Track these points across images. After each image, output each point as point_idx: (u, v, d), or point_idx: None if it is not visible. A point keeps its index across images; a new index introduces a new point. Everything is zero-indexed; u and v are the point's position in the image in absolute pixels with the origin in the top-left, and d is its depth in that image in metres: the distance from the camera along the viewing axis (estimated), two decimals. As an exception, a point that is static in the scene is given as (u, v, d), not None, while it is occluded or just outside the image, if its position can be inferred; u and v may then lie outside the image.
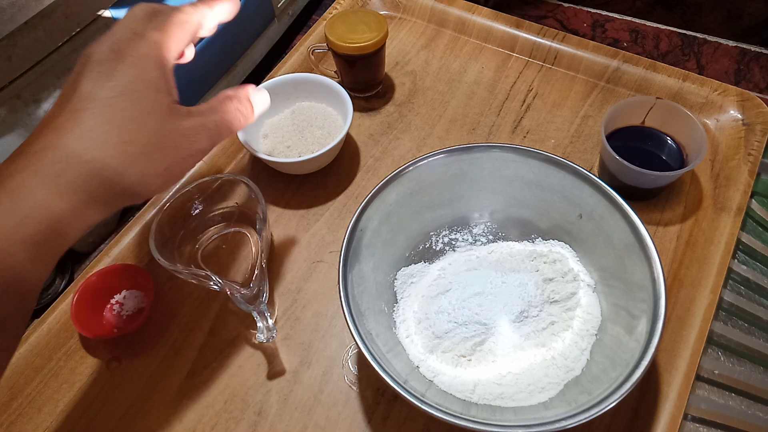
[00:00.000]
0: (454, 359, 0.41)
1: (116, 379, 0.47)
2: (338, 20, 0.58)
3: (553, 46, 0.64)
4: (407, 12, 0.71)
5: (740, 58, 0.66)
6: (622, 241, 0.41)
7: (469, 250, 0.48)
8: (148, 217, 0.55)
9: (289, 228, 0.54)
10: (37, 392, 0.46)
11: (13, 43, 0.42)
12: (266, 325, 0.45)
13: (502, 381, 0.40)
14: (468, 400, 0.39)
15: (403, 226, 0.46)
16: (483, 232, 0.49)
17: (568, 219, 0.45)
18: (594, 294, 0.44)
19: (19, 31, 0.43)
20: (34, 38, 0.44)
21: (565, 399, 0.37)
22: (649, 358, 0.34)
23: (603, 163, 0.52)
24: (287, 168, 0.55)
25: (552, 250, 0.46)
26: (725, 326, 0.47)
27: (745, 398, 0.43)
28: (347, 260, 0.40)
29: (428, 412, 0.33)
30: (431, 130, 0.60)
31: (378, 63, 0.60)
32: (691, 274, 0.48)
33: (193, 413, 0.45)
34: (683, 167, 0.49)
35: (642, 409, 0.42)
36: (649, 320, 0.36)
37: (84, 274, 0.51)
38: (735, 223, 0.50)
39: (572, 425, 0.32)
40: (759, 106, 0.56)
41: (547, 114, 0.60)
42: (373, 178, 0.57)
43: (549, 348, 0.41)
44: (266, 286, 0.47)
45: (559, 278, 0.44)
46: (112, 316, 0.49)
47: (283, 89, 0.59)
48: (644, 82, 0.60)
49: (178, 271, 0.50)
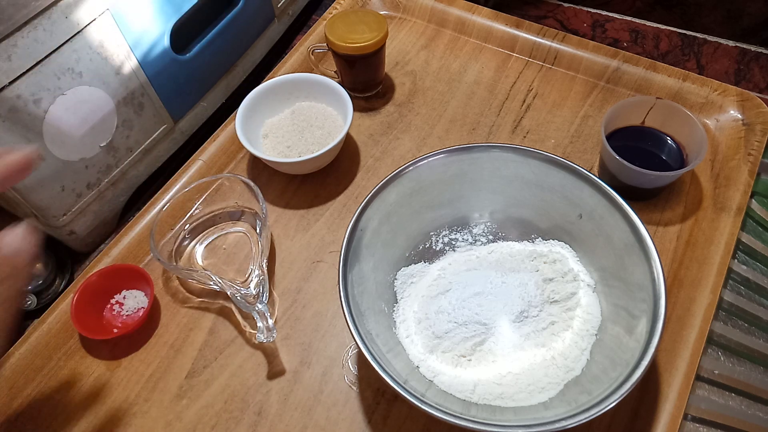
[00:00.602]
0: (454, 359, 0.41)
1: (116, 379, 0.47)
2: (338, 20, 0.58)
3: (553, 46, 0.64)
4: (407, 12, 0.71)
5: (740, 58, 0.66)
6: (622, 241, 0.41)
7: (469, 250, 0.48)
8: (148, 217, 0.55)
9: (289, 228, 0.54)
10: (37, 392, 0.46)
11: (13, 43, 0.42)
12: (266, 325, 0.45)
13: (502, 381, 0.40)
14: (468, 400, 0.39)
15: (403, 226, 0.46)
16: (483, 232, 0.49)
17: (568, 219, 0.45)
18: (594, 294, 0.44)
19: (19, 31, 0.43)
20: (34, 38, 0.44)
21: (565, 399, 0.37)
22: (649, 358, 0.34)
23: (603, 163, 0.52)
24: (287, 168, 0.55)
25: (552, 250, 0.46)
26: (725, 326, 0.47)
27: (745, 398, 0.43)
28: (347, 260, 0.40)
29: (428, 411, 0.33)
30: (431, 130, 0.60)
31: (378, 63, 0.60)
32: (691, 274, 0.48)
33: (193, 413, 0.45)
34: (683, 167, 0.49)
35: (642, 409, 0.42)
36: (649, 320, 0.36)
37: (84, 274, 0.51)
38: (735, 223, 0.50)
39: (572, 425, 0.32)
40: (759, 106, 0.56)
41: (547, 114, 0.60)
42: (373, 178, 0.57)
43: (549, 348, 0.41)
44: (266, 286, 0.47)
45: (559, 278, 0.44)
46: (112, 316, 0.49)
47: (283, 89, 0.59)
48: (644, 82, 0.60)
49: (178, 271, 0.50)
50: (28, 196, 0.49)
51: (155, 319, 0.49)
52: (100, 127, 0.52)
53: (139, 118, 0.56)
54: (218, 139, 0.59)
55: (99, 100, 0.51)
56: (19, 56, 0.43)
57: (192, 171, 0.57)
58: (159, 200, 0.56)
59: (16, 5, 0.42)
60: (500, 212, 0.49)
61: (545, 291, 0.44)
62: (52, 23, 0.45)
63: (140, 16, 0.52)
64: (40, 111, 0.46)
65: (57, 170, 0.50)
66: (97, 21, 0.48)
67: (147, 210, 0.55)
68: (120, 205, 0.60)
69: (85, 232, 0.56)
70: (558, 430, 0.32)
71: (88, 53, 0.48)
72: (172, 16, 0.55)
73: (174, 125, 0.61)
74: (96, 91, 0.50)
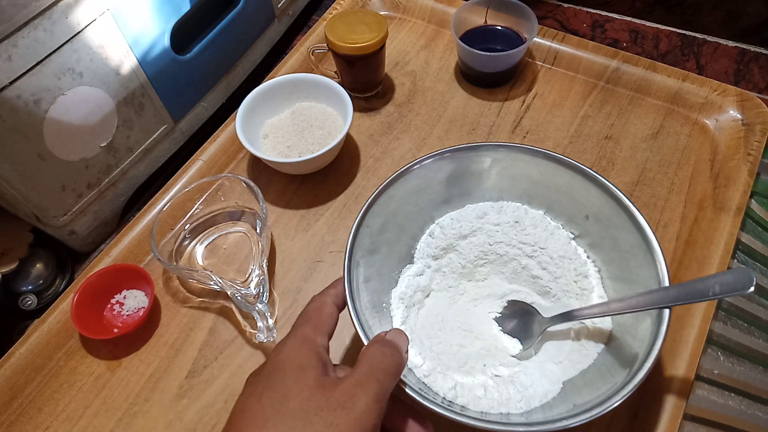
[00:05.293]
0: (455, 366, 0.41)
1: (116, 379, 0.47)
2: (338, 20, 0.58)
3: (553, 47, 0.64)
4: (407, 12, 0.71)
5: (740, 58, 0.66)
6: (628, 243, 0.41)
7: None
8: (148, 217, 0.55)
9: (289, 228, 0.54)
10: (37, 392, 0.46)
11: (14, 43, 0.42)
12: (266, 325, 0.45)
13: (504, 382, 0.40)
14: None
15: (409, 224, 0.46)
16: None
17: (574, 220, 0.45)
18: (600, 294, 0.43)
19: (19, 31, 0.43)
20: (34, 38, 0.44)
21: (566, 399, 0.37)
22: (653, 360, 0.34)
23: (461, 60, 0.63)
24: (287, 168, 0.55)
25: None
26: (725, 326, 0.47)
27: (744, 398, 0.44)
28: (351, 258, 0.40)
29: (429, 408, 0.33)
30: (431, 130, 0.60)
31: (378, 63, 0.60)
32: (691, 274, 0.48)
33: (193, 413, 0.45)
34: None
35: (642, 408, 0.42)
36: (653, 322, 0.36)
37: (84, 274, 0.51)
38: (735, 223, 0.50)
39: (572, 425, 0.32)
40: (758, 106, 0.56)
41: (546, 114, 0.60)
42: (373, 178, 0.57)
43: (552, 348, 0.41)
44: (266, 286, 0.47)
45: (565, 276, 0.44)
46: (112, 316, 0.49)
47: (283, 89, 0.59)
48: (644, 83, 0.60)
49: (179, 270, 0.50)
50: (28, 196, 0.49)
51: (155, 319, 0.50)
52: (100, 127, 0.52)
53: (139, 118, 0.56)
54: (218, 140, 0.60)
55: (99, 100, 0.51)
56: (20, 56, 0.43)
57: (192, 171, 0.58)
58: (159, 200, 0.56)
59: (16, 5, 0.42)
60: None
61: (552, 290, 0.44)
62: (53, 23, 0.45)
63: (140, 16, 0.52)
64: (40, 111, 0.46)
65: (57, 170, 0.50)
66: (97, 21, 0.48)
67: (147, 210, 0.55)
68: (120, 205, 0.60)
69: (86, 232, 0.56)
70: (558, 429, 0.32)
71: (89, 53, 0.48)
72: (172, 16, 0.55)
73: (174, 125, 0.61)
74: (96, 91, 0.50)
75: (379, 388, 0.30)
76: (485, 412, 0.37)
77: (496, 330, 0.43)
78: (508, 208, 0.46)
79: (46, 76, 0.45)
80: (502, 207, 0.46)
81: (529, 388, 0.38)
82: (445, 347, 0.41)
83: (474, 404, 0.37)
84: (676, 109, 0.59)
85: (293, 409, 0.29)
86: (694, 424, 0.42)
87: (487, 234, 0.45)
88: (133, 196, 0.61)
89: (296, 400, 0.29)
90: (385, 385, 0.31)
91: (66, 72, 0.47)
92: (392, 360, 0.32)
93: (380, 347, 0.33)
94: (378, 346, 0.33)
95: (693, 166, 0.55)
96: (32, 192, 0.49)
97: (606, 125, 0.59)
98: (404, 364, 0.34)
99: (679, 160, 0.55)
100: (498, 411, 0.37)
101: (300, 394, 0.29)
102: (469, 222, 0.46)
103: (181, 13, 0.56)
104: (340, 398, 0.29)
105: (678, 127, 0.58)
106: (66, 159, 0.50)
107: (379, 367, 0.31)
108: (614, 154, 0.56)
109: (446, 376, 0.38)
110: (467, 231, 0.45)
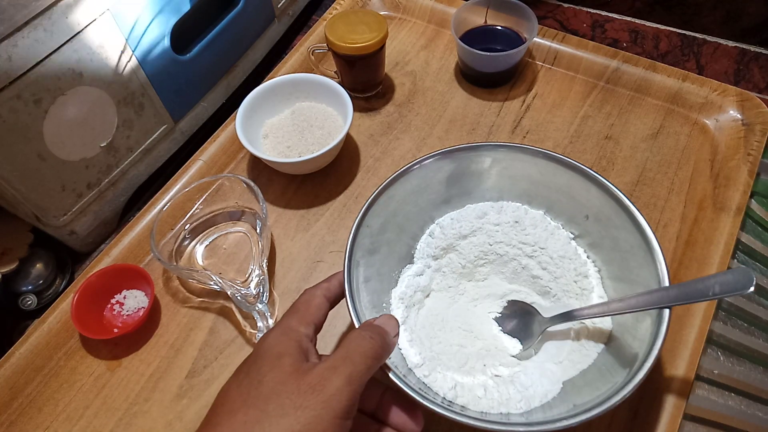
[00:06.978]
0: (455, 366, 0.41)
1: (116, 379, 0.47)
2: (338, 20, 0.58)
3: (553, 47, 0.64)
4: (407, 12, 0.71)
5: (740, 59, 0.66)
6: (628, 243, 0.41)
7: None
8: (148, 217, 0.55)
9: (289, 228, 0.54)
10: (37, 392, 0.46)
11: (14, 43, 0.42)
12: (266, 325, 0.45)
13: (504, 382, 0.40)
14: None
15: (409, 224, 0.46)
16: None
17: (574, 220, 0.45)
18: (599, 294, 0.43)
19: (19, 31, 0.43)
20: (34, 38, 0.44)
21: (566, 399, 0.37)
22: (653, 360, 0.34)
23: (461, 60, 0.63)
24: (287, 168, 0.55)
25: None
26: (725, 326, 0.47)
27: (744, 398, 0.44)
28: (352, 258, 0.40)
29: (430, 408, 0.33)
30: (431, 131, 0.60)
31: (378, 63, 0.60)
32: (691, 274, 0.48)
33: (193, 413, 0.45)
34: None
35: (642, 408, 0.42)
36: (653, 321, 0.36)
37: (84, 274, 0.51)
38: (734, 223, 0.50)
39: (572, 425, 0.32)
40: (758, 106, 0.56)
41: (546, 114, 0.60)
42: (373, 178, 0.57)
43: (552, 348, 0.41)
44: (266, 285, 0.47)
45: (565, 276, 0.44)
46: (112, 316, 0.49)
47: (283, 89, 0.59)
48: (644, 83, 0.60)
49: (179, 270, 0.50)
50: (28, 196, 0.49)
51: (155, 318, 0.50)
52: (100, 127, 0.52)
53: (139, 118, 0.56)
54: (218, 139, 0.60)
55: (99, 100, 0.51)
56: (20, 56, 0.43)
57: (192, 171, 0.58)
58: (159, 200, 0.56)
59: (16, 5, 0.42)
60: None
61: (552, 289, 0.44)
62: (53, 23, 0.45)
63: (140, 16, 0.52)
64: (40, 111, 0.46)
65: (57, 170, 0.50)
66: (97, 21, 0.48)
67: (147, 210, 0.55)
68: (120, 205, 0.60)
69: (86, 232, 0.56)
70: (558, 429, 0.32)
71: (89, 53, 0.48)
72: (172, 16, 0.55)
73: (174, 125, 0.61)
74: (96, 91, 0.50)
75: (353, 370, 0.31)
76: (485, 412, 0.37)
77: (496, 330, 0.43)
78: (508, 208, 0.46)
79: (46, 76, 0.45)
80: (502, 207, 0.46)
81: (529, 388, 0.38)
82: (445, 347, 0.41)
83: (474, 404, 0.37)
84: (676, 109, 0.59)
85: (266, 393, 0.30)
86: (694, 424, 0.42)
87: (487, 234, 0.45)
88: (133, 196, 0.61)
89: (269, 384, 0.30)
90: (360, 367, 0.31)
91: (66, 72, 0.47)
92: (371, 343, 0.33)
93: (360, 331, 0.34)
94: (359, 331, 0.34)
95: (693, 166, 0.55)
96: (32, 192, 0.49)
97: (606, 125, 0.59)
98: (389, 347, 0.34)
99: (679, 160, 0.55)
100: (498, 411, 0.37)
101: (273, 379, 0.30)
102: (469, 222, 0.46)
103: (181, 13, 0.56)
104: (311, 382, 0.30)
105: (678, 127, 0.58)
106: (66, 159, 0.50)
107: (356, 350, 0.32)
108: (614, 154, 0.56)
109: (446, 376, 0.38)
110: (467, 231, 0.45)
